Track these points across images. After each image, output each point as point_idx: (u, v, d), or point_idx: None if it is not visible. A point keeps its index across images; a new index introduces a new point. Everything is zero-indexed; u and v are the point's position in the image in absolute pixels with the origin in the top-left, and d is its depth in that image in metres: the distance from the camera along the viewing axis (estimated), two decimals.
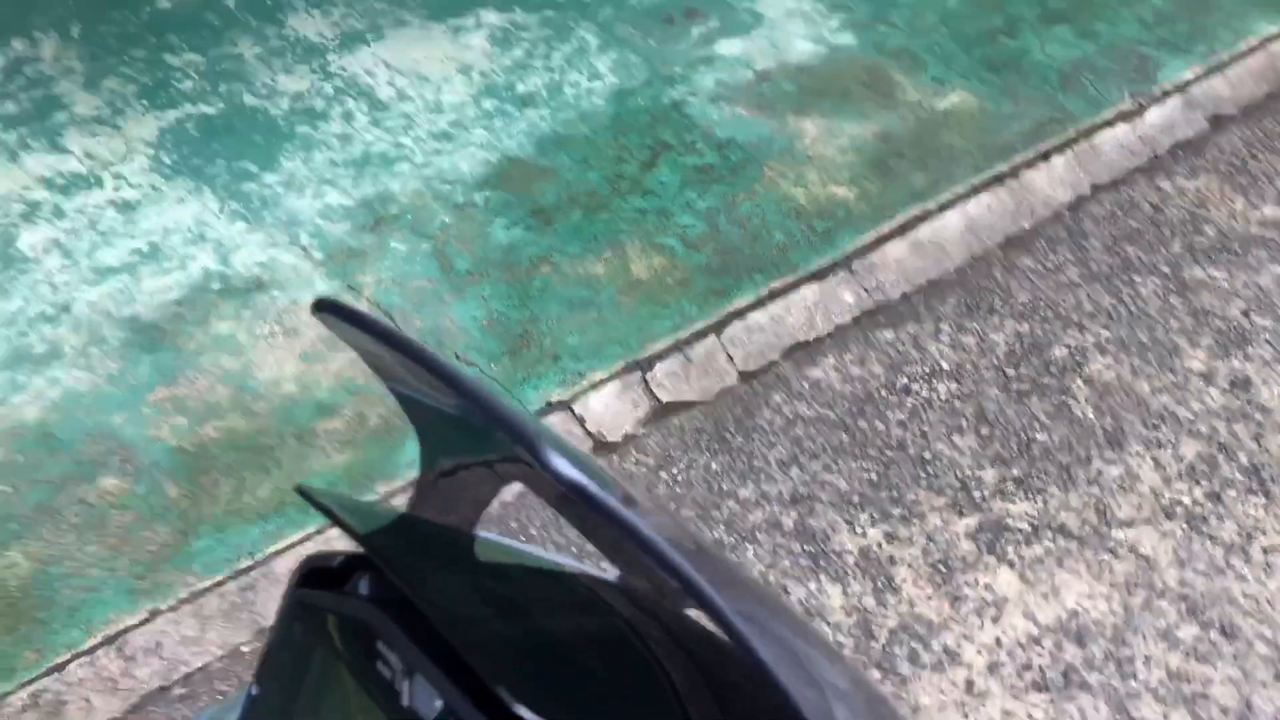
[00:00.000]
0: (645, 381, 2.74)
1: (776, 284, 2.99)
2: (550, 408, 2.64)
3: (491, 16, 3.88)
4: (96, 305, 2.78)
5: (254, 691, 0.85)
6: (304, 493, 0.83)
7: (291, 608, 0.81)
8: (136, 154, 3.21)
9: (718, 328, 2.87)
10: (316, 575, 0.82)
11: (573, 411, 2.64)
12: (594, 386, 2.69)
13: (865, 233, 3.17)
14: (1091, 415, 2.80)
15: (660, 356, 2.79)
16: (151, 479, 2.43)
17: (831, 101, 3.59)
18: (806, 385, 2.84)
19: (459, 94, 3.51)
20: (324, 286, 2.84)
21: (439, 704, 0.70)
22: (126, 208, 3.05)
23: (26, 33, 3.67)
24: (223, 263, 2.91)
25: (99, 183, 3.12)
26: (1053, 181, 3.44)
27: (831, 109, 3.56)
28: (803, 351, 2.92)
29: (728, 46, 3.81)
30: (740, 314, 2.91)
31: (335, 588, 0.80)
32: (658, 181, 3.25)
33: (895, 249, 3.15)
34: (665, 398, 2.74)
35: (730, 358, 2.85)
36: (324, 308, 0.72)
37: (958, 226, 3.25)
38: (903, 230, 3.20)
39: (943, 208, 3.27)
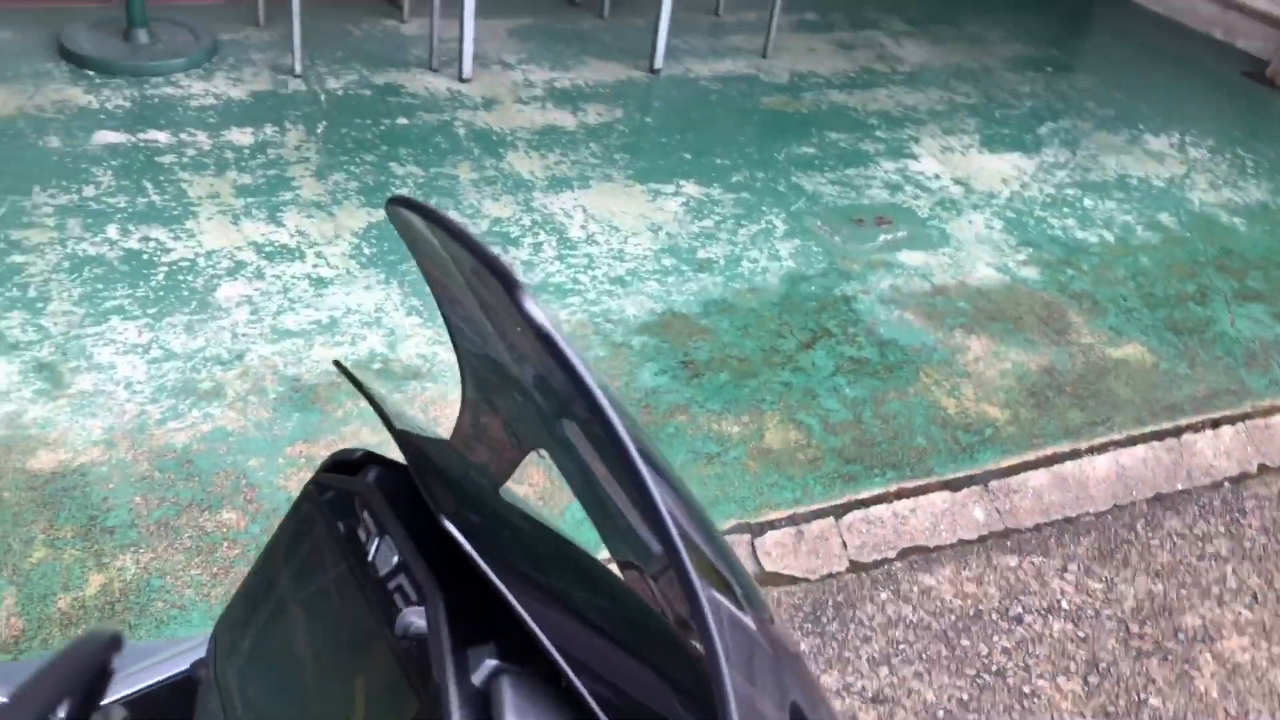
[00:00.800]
0: (753, 545, 2.72)
1: (907, 484, 2.96)
2: None
3: (691, 188, 4.09)
4: (266, 360, 2.98)
5: (255, 567, 0.89)
6: (341, 367, 0.89)
7: (305, 491, 0.85)
8: (341, 240, 3.48)
9: (838, 511, 2.84)
10: (338, 467, 0.87)
11: None
12: None
13: (1009, 456, 3.11)
14: (1215, 693, 2.61)
15: (774, 525, 2.78)
16: (268, 522, 2.55)
17: (1002, 326, 3.59)
18: (916, 590, 2.76)
19: (643, 248, 3.68)
20: None
21: (395, 559, 0.74)
22: (319, 283, 3.29)
23: (279, 121, 4.08)
24: (389, 348, 3.09)
25: (301, 257, 3.38)
26: (1218, 451, 3.31)
27: (1000, 333, 3.56)
28: (919, 556, 2.85)
29: (910, 257, 3.88)
30: (864, 504, 2.88)
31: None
32: (811, 362, 3.29)
33: (1037, 478, 3.08)
34: (769, 566, 2.71)
35: (844, 544, 2.81)
36: (398, 202, 0.78)
37: (1107, 472, 3.15)
38: (1048, 462, 3.12)
39: (1094, 450, 3.19)
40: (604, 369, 3.14)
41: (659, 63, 4.97)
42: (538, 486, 2.71)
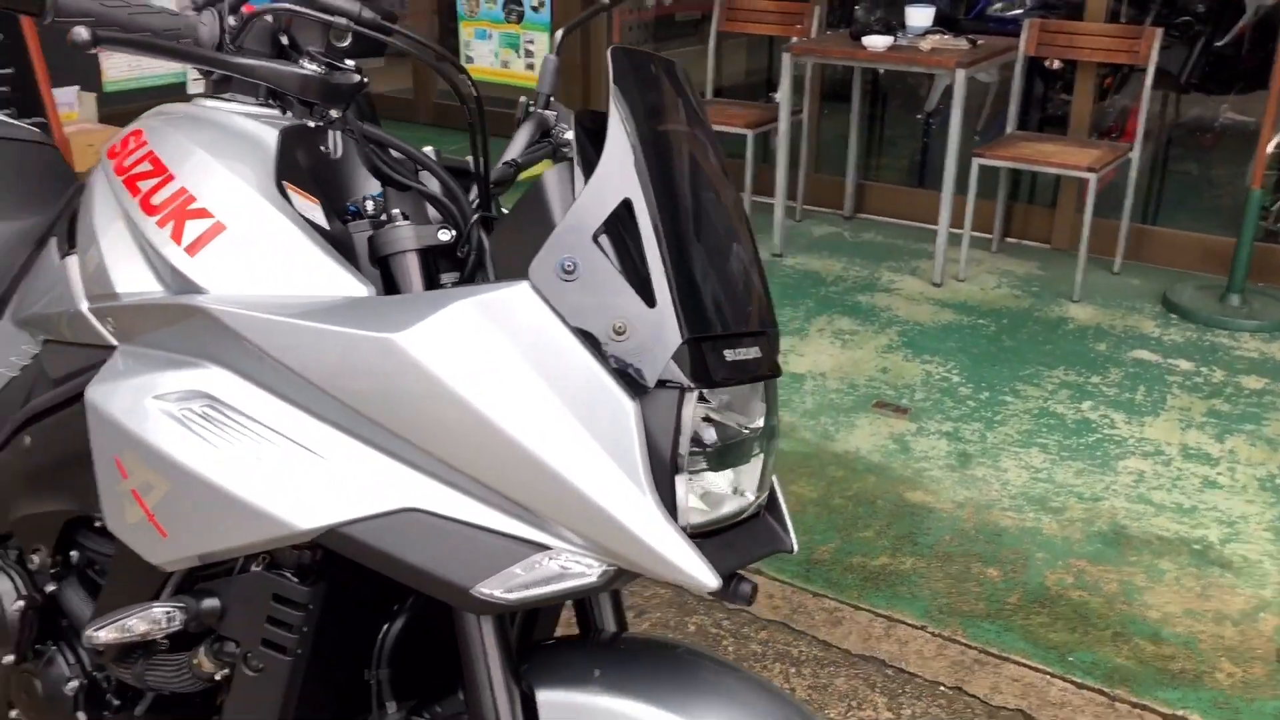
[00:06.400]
0: None
1: None
2: None
3: None
4: (1093, 499, 3.58)
5: None
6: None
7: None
8: (1266, 467, 3.82)
9: None
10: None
11: None
12: None
13: None
14: None
15: None
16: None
17: None
18: None
19: None
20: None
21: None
22: (1210, 484, 3.72)
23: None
24: (1221, 541, 3.41)
25: (1213, 464, 3.84)
26: None
27: None
28: None
29: None
30: None
31: None
32: None
33: None
34: None
35: None
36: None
37: None
38: None
39: None
40: None
41: None
42: None
